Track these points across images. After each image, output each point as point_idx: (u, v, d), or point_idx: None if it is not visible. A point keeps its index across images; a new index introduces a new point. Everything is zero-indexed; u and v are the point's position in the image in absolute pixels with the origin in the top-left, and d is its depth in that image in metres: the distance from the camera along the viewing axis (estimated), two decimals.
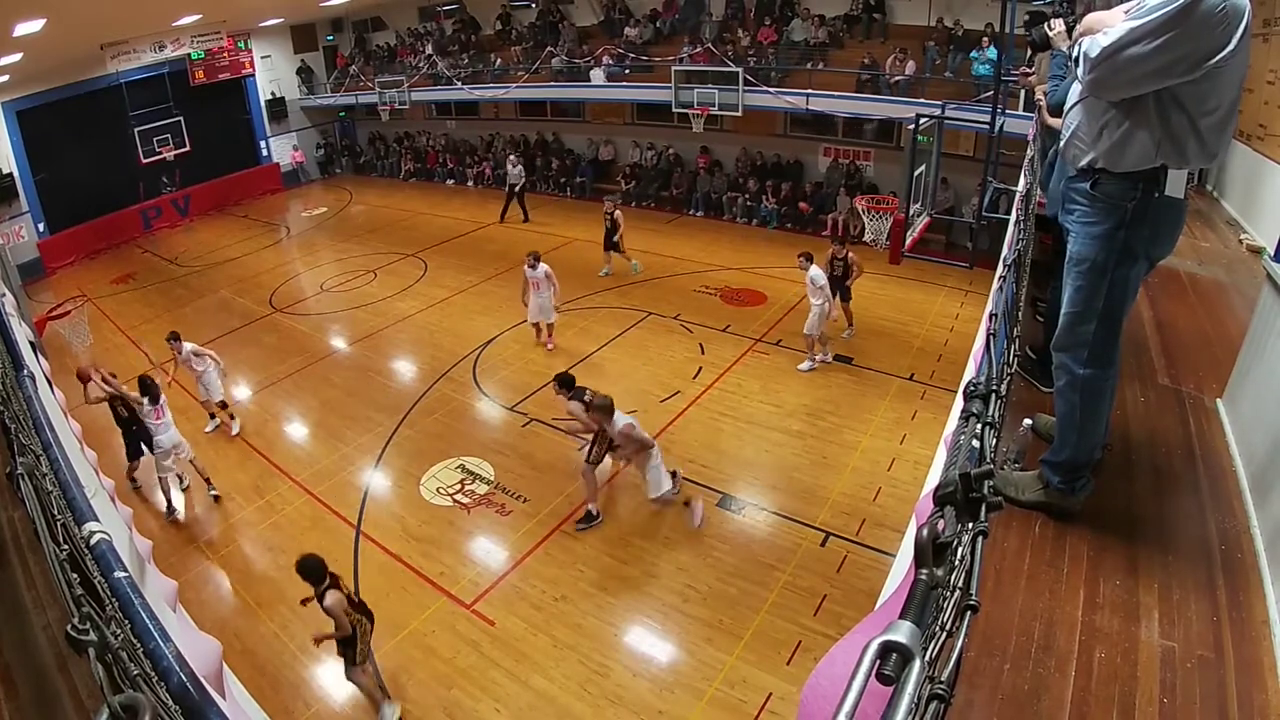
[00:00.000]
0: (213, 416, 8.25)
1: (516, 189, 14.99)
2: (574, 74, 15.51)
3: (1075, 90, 2.18)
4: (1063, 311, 2.30)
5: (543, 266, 8.89)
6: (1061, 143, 2.27)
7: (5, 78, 13.85)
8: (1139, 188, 2.04)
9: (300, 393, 9.00)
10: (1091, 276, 2.18)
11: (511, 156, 15.53)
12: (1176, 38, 1.80)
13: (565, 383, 6.23)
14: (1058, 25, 2.74)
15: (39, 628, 2.16)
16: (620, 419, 5.64)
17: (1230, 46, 1.79)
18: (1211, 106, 1.92)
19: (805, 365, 8.54)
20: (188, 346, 7.88)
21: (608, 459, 6.25)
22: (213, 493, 7.00)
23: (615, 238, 11.37)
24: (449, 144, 19.96)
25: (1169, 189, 2.02)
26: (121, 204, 17.14)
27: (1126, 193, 2.06)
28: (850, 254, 8.67)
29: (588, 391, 5.97)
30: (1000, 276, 2.57)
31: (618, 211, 11.34)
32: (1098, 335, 2.23)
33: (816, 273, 7.90)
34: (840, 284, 8.73)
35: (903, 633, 0.77)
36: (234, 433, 8.11)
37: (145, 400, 6.64)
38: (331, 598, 4.26)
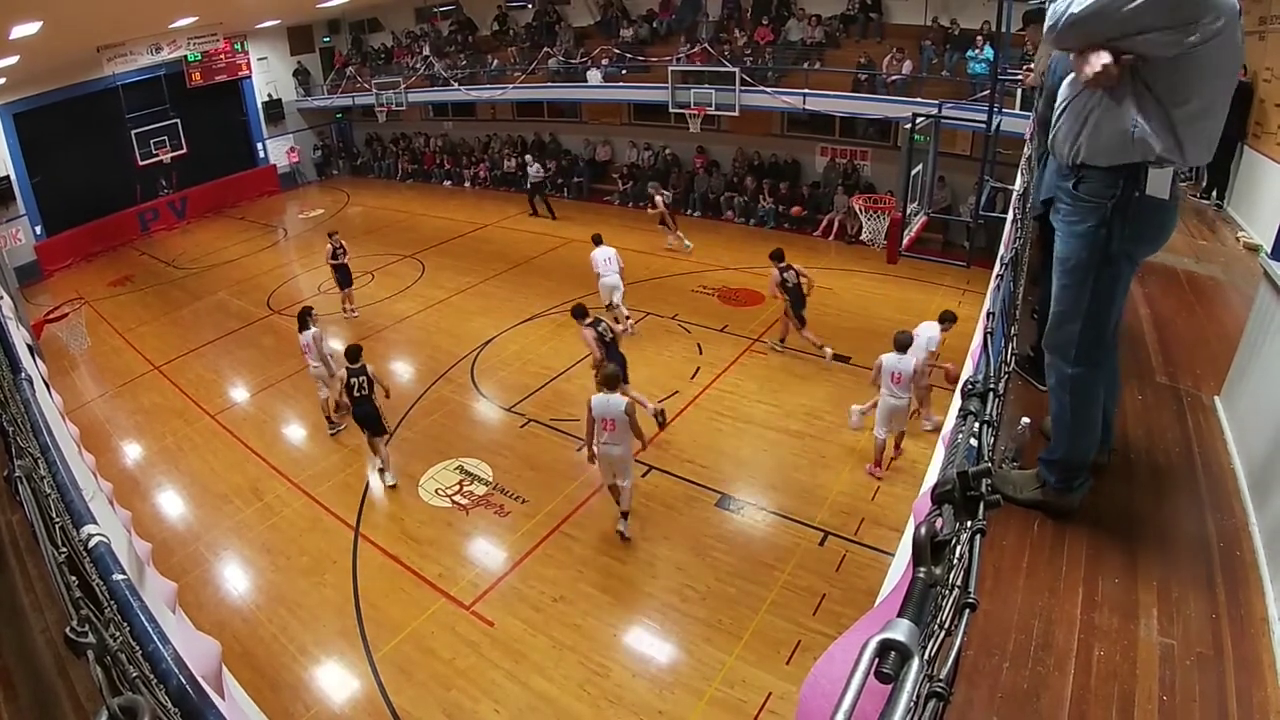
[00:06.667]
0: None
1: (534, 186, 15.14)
2: (571, 75, 15.50)
3: (1064, 91, 2.19)
4: (1050, 310, 2.32)
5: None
6: (1051, 143, 2.28)
7: (2, 80, 13.81)
8: (1119, 185, 2.06)
9: (298, 394, 8.97)
10: (1076, 275, 2.20)
11: (528, 156, 15.66)
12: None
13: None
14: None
15: (38, 630, 2.15)
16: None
17: (1202, 26, 1.78)
18: (1183, 98, 1.93)
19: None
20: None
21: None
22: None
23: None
24: (446, 145, 19.94)
25: (1151, 189, 2.04)
26: (118, 206, 17.10)
27: (1107, 190, 2.08)
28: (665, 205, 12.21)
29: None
30: (997, 275, 2.57)
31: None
32: (1084, 335, 2.24)
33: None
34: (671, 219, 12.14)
35: (901, 631, 0.77)
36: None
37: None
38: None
